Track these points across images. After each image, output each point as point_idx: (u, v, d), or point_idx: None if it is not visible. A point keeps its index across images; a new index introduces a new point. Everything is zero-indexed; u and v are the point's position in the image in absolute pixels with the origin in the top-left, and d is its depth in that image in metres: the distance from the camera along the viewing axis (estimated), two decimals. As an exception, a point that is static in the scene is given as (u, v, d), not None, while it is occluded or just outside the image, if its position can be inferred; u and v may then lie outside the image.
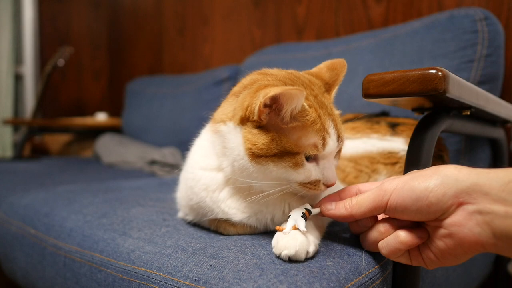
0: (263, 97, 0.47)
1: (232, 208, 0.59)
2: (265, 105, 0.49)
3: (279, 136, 0.51)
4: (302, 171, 0.52)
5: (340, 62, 0.61)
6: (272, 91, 0.46)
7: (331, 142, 0.53)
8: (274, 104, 0.49)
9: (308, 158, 0.52)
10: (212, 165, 0.61)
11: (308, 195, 0.56)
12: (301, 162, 0.51)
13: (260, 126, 0.51)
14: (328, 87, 0.60)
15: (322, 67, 0.63)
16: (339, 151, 0.58)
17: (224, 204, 0.59)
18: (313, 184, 0.54)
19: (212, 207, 0.60)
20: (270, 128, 0.51)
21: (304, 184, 0.53)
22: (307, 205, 0.56)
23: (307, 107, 0.50)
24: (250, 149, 0.51)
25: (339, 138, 0.54)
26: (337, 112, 0.58)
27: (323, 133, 0.51)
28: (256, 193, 0.56)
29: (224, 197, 0.59)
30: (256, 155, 0.51)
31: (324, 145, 0.52)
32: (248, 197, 0.56)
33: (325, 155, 0.53)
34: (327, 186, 0.54)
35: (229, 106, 0.57)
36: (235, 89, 0.60)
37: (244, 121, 0.52)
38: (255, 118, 0.50)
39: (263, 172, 0.52)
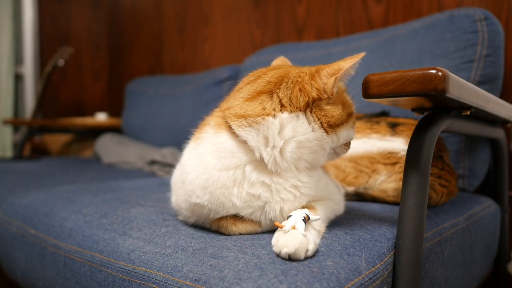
0: (333, 76, 0.60)
1: (243, 201, 0.60)
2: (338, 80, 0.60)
3: (343, 104, 0.63)
4: (353, 129, 0.66)
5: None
6: (340, 66, 0.61)
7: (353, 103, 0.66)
8: (341, 78, 0.62)
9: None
10: (235, 164, 0.61)
11: (335, 159, 0.68)
12: (354, 119, 0.66)
13: (329, 102, 0.61)
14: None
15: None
16: None
17: (237, 198, 0.60)
18: (348, 144, 0.67)
19: (223, 201, 0.60)
20: (335, 101, 0.62)
21: (346, 144, 0.67)
22: (307, 210, 0.57)
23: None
24: (329, 122, 0.61)
25: None
26: None
27: (348, 96, 0.66)
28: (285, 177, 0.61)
29: (238, 191, 0.60)
30: (334, 126, 0.62)
31: (353, 104, 0.66)
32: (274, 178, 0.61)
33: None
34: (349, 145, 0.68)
35: (265, 103, 0.60)
36: (259, 87, 0.62)
37: (308, 104, 0.60)
38: (326, 96, 0.60)
39: (333, 140, 0.62)
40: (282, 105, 0.60)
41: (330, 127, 0.61)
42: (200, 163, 0.63)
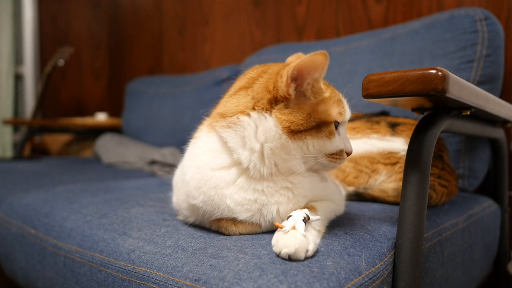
0: (287, 72, 0.55)
1: (238, 204, 0.59)
2: (292, 79, 0.55)
3: (314, 109, 0.57)
4: (335, 139, 0.59)
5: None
6: (295, 63, 0.54)
7: (347, 109, 0.61)
8: (298, 76, 0.56)
9: (336, 127, 0.59)
10: (223, 164, 0.61)
11: (329, 169, 0.63)
12: (333, 131, 0.59)
13: (289, 105, 0.57)
14: None
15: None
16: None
17: (230, 200, 0.59)
18: (338, 154, 0.60)
19: (218, 203, 0.60)
20: (302, 105, 0.57)
21: (331, 155, 0.59)
22: (307, 210, 0.57)
23: (322, 84, 0.58)
24: (289, 127, 0.56)
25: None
26: None
27: (340, 102, 0.60)
28: (268, 180, 0.60)
29: (230, 193, 0.60)
30: (295, 131, 0.56)
31: (344, 113, 0.60)
32: (260, 183, 0.60)
33: (344, 123, 0.62)
34: (348, 154, 0.61)
35: (242, 99, 0.60)
36: (242, 83, 0.62)
37: (271, 103, 0.57)
38: (282, 94, 0.56)
39: (301, 147, 0.57)
40: (254, 103, 0.58)
41: (291, 132, 0.56)
42: (194, 163, 0.64)
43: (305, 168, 0.59)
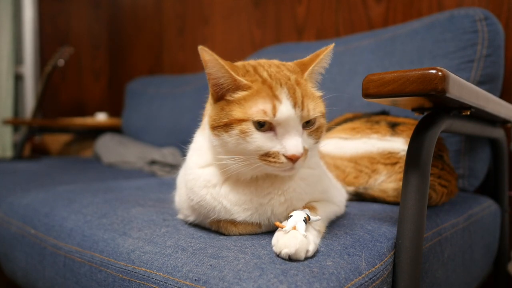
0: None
1: (234, 204, 0.59)
2: (209, 77, 0.56)
3: (228, 105, 0.55)
4: (251, 139, 0.53)
5: (325, 48, 0.61)
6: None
7: (284, 108, 0.53)
8: (208, 75, 0.56)
9: (262, 126, 0.53)
10: (210, 161, 0.62)
11: (281, 174, 0.57)
12: (247, 130, 0.53)
13: (216, 101, 0.58)
14: (303, 67, 0.60)
15: (310, 55, 0.65)
16: (316, 129, 0.57)
17: (226, 200, 0.59)
18: (273, 156, 0.54)
19: (213, 204, 0.60)
20: (221, 100, 0.57)
21: (263, 157, 0.54)
22: (307, 210, 0.57)
23: (244, 81, 0.55)
24: (210, 122, 0.58)
25: (296, 105, 0.54)
26: (308, 87, 0.58)
27: (272, 100, 0.53)
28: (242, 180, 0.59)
29: (225, 192, 0.60)
30: (213, 127, 0.57)
31: (274, 111, 0.52)
32: (240, 184, 0.60)
33: (281, 123, 0.53)
34: (288, 157, 0.53)
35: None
36: None
37: (214, 100, 0.59)
38: (211, 91, 0.58)
39: (222, 144, 0.56)
40: (209, 99, 0.61)
41: (212, 129, 0.57)
42: (188, 162, 0.65)
43: (245, 170, 0.56)
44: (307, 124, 0.56)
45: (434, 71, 0.49)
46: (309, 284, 0.45)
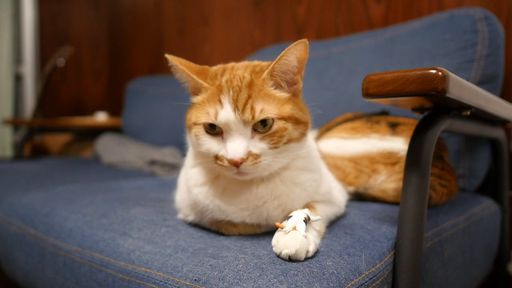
0: None
1: (229, 204, 0.59)
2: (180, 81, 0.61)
3: (191, 108, 0.61)
4: (202, 141, 0.57)
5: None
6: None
7: (223, 112, 0.54)
8: (180, 80, 0.62)
9: (213, 130, 0.56)
10: (199, 161, 0.62)
11: (238, 178, 0.57)
12: (198, 132, 0.57)
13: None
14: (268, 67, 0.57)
15: None
16: (272, 133, 0.54)
17: (219, 199, 0.59)
18: (220, 159, 0.55)
19: (205, 202, 0.60)
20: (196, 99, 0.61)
21: (215, 160, 0.56)
22: (307, 210, 0.56)
23: (204, 84, 0.58)
24: (186, 122, 0.62)
25: (237, 109, 0.53)
26: (265, 88, 0.55)
27: (215, 104, 0.55)
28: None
29: (215, 191, 0.60)
30: (187, 126, 0.61)
31: (215, 114, 0.54)
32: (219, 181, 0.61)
33: (223, 127, 0.54)
34: (229, 161, 0.53)
35: None
36: None
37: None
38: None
39: (195, 143, 0.59)
40: None
41: (187, 126, 0.61)
42: (185, 162, 0.65)
43: (204, 162, 0.59)
44: (264, 127, 0.54)
45: (434, 71, 0.49)
46: (309, 284, 0.45)
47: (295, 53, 0.55)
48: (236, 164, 0.53)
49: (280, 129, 0.55)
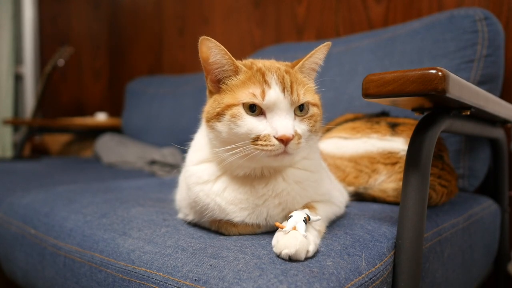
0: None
1: (230, 203, 0.59)
2: (205, 70, 0.60)
3: (220, 95, 0.59)
4: (242, 122, 0.55)
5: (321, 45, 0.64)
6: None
7: (272, 92, 0.55)
8: (205, 67, 0.59)
9: (253, 111, 0.55)
10: (203, 157, 0.62)
11: (275, 164, 0.57)
12: (237, 114, 0.55)
13: (212, 95, 0.61)
14: (296, 63, 0.63)
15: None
16: (309, 117, 0.58)
17: (220, 198, 0.59)
18: (264, 139, 0.54)
19: (206, 201, 0.60)
20: (216, 93, 0.60)
21: (255, 142, 0.54)
22: (307, 210, 0.56)
23: (241, 66, 0.59)
24: (205, 116, 0.60)
25: (285, 90, 0.55)
26: (298, 75, 0.60)
27: (262, 85, 0.56)
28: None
29: (218, 189, 0.60)
30: (207, 120, 0.59)
31: (263, 94, 0.55)
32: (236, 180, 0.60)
33: (270, 107, 0.55)
34: (278, 138, 0.53)
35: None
36: None
37: (210, 95, 0.62)
38: (209, 86, 0.61)
39: (216, 136, 0.58)
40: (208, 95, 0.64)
41: (207, 121, 0.60)
42: (186, 160, 0.66)
43: (241, 162, 0.56)
44: (300, 111, 0.57)
45: (434, 71, 0.49)
46: (309, 284, 0.45)
47: (324, 52, 0.63)
48: (287, 141, 0.53)
49: (315, 114, 0.59)
